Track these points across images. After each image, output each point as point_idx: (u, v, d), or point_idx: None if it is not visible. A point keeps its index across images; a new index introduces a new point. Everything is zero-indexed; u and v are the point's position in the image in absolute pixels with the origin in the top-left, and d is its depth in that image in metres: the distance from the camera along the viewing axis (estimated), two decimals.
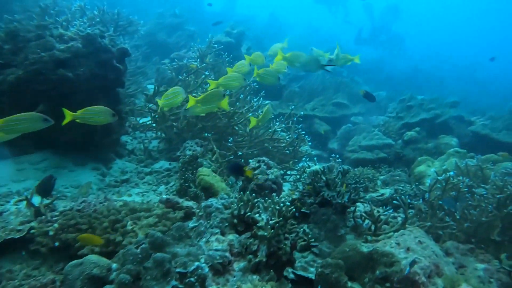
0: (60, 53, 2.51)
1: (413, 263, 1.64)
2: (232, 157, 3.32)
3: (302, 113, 4.25)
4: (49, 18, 2.90)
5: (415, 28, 18.63)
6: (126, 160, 3.87)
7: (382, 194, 3.56)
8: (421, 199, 2.87)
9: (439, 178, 2.59)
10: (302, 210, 2.52)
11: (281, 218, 1.61)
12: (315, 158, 4.13)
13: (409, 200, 2.75)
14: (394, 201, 2.64)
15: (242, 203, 1.72)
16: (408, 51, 14.01)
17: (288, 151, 3.68)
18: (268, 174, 2.60)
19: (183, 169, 3.17)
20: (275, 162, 3.97)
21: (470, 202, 2.27)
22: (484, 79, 15.80)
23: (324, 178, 2.56)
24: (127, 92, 5.20)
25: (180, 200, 2.17)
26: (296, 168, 3.88)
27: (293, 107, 4.18)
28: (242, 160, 3.56)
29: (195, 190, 3.03)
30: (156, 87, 3.54)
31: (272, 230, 1.54)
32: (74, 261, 1.41)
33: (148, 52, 6.81)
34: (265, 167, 2.64)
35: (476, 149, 4.92)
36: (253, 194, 1.86)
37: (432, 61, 15.27)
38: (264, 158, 2.70)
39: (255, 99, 3.87)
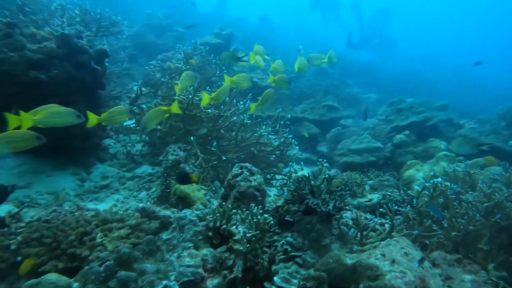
0: (31, 54, 2.38)
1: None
2: (215, 162, 3.22)
3: (289, 116, 4.17)
4: (25, 16, 2.77)
5: (407, 31, 18.75)
6: (108, 164, 3.74)
7: (370, 200, 3.49)
8: (408, 206, 2.80)
9: (427, 184, 2.52)
10: (286, 218, 2.44)
11: (258, 232, 1.51)
12: (301, 163, 4.05)
13: (396, 207, 2.68)
14: (381, 209, 2.56)
15: (218, 214, 1.62)
16: (400, 54, 14.03)
17: (274, 156, 3.59)
18: (250, 181, 2.51)
19: (165, 174, 3.07)
20: (262, 166, 3.91)
21: (457, 210, 2.20)
22: (475, 80, 15.95)
23: (308, 185, 2.48)
24: (112, 94, 5.08)
25: (157, 209, 2.07)
26: (283, 173, 3.80)
27: (280, 110, 4.09)
28: (229, 165, 3.47)
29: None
30: (138, 90, 3.42)
31: (248, 245, 1.45)
32: (30, 281, 1.29)
33: (135, 53, 6.68)
34: (248, 173, 2.55)
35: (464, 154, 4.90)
36: (230, 206, 1.76)
37: (424, 63, 15.36)
38: (247, 164, 2.61)
39: (241, 102, 3.78)
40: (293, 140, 3.91)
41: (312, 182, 2.50)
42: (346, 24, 13.54)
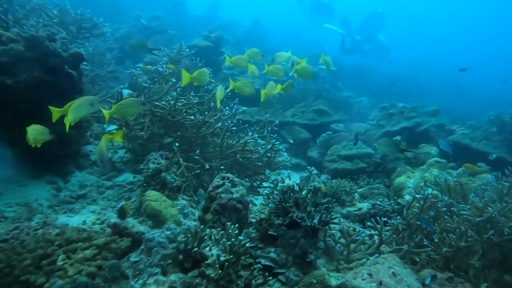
0: None
1: None
2: (198, 171, 3.08)
3: (277, 121, 4.04)
4: None
5: (400, 34, 18.80)
6: (87, 172, 3.58)
7: (360, 209, 3.38)
8: (399, 217, 2.69)
9: (417, 196, 2.42)
10: (269, 232, 2.31)
11: (231, 256, 1.38)
12: (288, 171, 3.93)
13: (385, 219, 2.57)
14: (369, 223, 2.45)
15: (189, 235, 1.49)
16: (394, 58, 13.97)
17: (260, 164, 3.46)
18: (232, 193, 2.38)
19: (145, 184, 2.92)
20: (249, 174, 3.78)
21: (449, 224, 2.10)
22: (465, 83, 16.04)
23: (293, 197, 2.35)
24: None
25: (131, 224, 1.92)
26: (270, 181, 3.68)
27: (267, 115, 3.96)
28: (216, 172, 3.33)
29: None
30: (118, 95, 3.27)
31: (220, 271, 1.32)
32: None
33: (121, 55, 6.50)
34: (229, 185, 2.42)
35: (456, 158, 4.83)
36: (202, 227, 1.62)
37: (415, 66, 15.39)
38: (228, 175, 2.48)
39: (227, 108, 3.65)
40: (281, 147, 3.79)
41: (297, 193, 2.38)
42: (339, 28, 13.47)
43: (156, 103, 3.07)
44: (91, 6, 8.37)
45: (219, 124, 3.37)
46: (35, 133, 2.19)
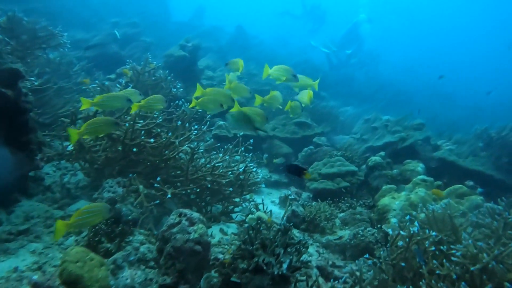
0: None
1: None
2: (157, 201, 2.73)
3: (251, 140, 3.72)
4: None
5: (388, 40, 18.81)
6: (37, 200, 3.19)
7: (341, 237, 3.08)
8: (382, 251, 2.40)
9: (402, 233, 2.12)
10: (232, 279, 1.99)
11: None
12: (262, 198, 3.62)
13: (366, 256, 2.29)
14: (346, 277, 2.15)
15: None
16: (383, 66, 13.84)
17: (231, 189, 3.13)
18: (189, 233, 2.04)
19: None
20: (219, 198, 3.45)
21: (438, 271, 1.81)
22: (452, 92, 16.10)
23: (259, 238, 2.03)
24: (59, 114, 4.53)
25: (57, 283, 1.57)
26: (243, 207, 3.36)
27: (241, 133, 3.65)
28: (185, 198, 2.99)
29: (108, 246, 2.43)
30: (72, 116, 2.92)
31: None
32: None
33: (91, 66, 6.12)
34: (186, 223, 2.08)
35: (443, 174, 4.60)
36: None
37: (401, 74, 15.36)
38: (186, 211, 2.15)
39: (195, 127, 3.32)
40: (255, 169, 3.48)
41: (264, 234, 2.06)
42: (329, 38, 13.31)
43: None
44: (68, 13, 7.98)
45: (185, 147, 3.04)
46: None
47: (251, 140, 3.60)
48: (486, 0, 24.13)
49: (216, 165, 3.00)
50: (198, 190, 3.09)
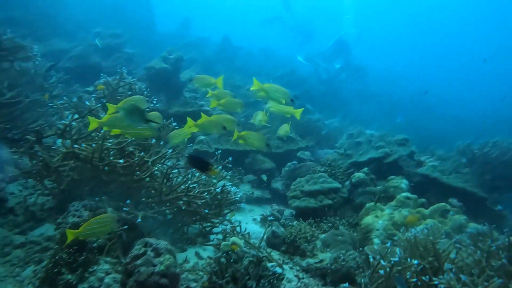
0: None
1: None
2: (126, 226, 2.56)
3: (228, 158, 3.58)
4: None
5: (370, 55, 19.04)
6: None
7: (322, 261, 2.95)
8: (363, 279, 2.28)
9: (382, 263, 2.01)
10: None
11: None
12: (239, 220, 3.48)
13: (346, 285, 2.17)
14: None
15: None
16: (371, 78, 13.87)
17: (206, 211, 2.99)
18: (155, 265, 1.89)
19: (56, 246, 2.38)
20: (197, 218, 3.30)
21: None
22: (435, 104, 16.35)
23: (230, 270, 1.89)
24: (30, 128, 4.32)
25: None
26: (219, 230, 3.21)
27: (219, 151, 3.52)
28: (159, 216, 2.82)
29: (69, 278, 2.25)
30: (32, 136, 2.74)
31: None
32: None
33: (69, 77, 5.92)
34: (152, 254, 1.93)
35: (426, 190, 4.55)
36: None
37: (386, 85, 15.50)
38: (152, 241, 1.99)
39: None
40: (234, 188, 3.35)
41: (234, 266, 1.92)
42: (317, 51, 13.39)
43: (77, 145, 2.56)
44: (49, 22, 7.74)
45: (158, 166, 2.89)
46: None
47: (230, 158, 3.47)
48: (468, 13, 24.85)
49: (191, 186, 2.84)
50: (174, 210, 2.93)
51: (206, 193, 2.94)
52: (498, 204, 4.00)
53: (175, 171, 2.92)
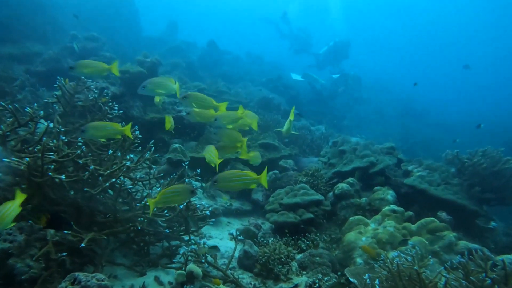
0: None
1: None
2: (64, 253, 2.21)
3: (198, 170, 3.26)
4: None
5: (360, 61, 18.94)
6: None
7: (296, 286, 2.64)
8: None
9: None
10: None
11: None
12: (202, 241, 3.15)
13: None
14: None
15: None
16: (365, 87, 13.66)
17: (167, 231, 2.65)
18: None
19: None
20: (160, 237, 2.96)
21: None
22: (422, 109, 16.30)
23: None
24: None
25: None
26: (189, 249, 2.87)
27: (187, 162, 3.19)
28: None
29: None
30: None
31: None
32: None
33: (35, 81, 5.54)
34: None
35: (414, 201, 4.28)
36: None
37: (374, 91, 15.37)
38: (82, 276, 1.66)
39: (131, 156, 2.84)
40: (199, 205, 3.02)
41: None
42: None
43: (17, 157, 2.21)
44: (24, 25, 7.32)
45: (112, 180, 2.55)
46: None
47: (198, 170, 3.15)
48: (455, 18, 25.10)
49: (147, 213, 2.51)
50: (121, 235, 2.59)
51: (166, 211, 2.60)
52: (491, 221, 3.74)
53: (130, 186, 2.57)
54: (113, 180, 2.51)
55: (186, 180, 3.04)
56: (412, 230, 3.27)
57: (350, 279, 2.53)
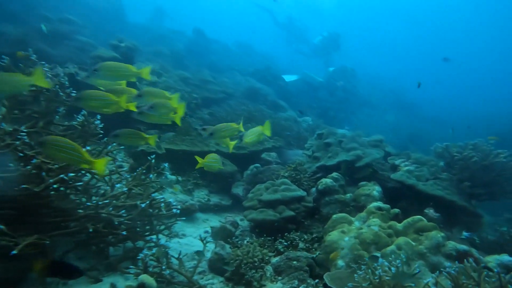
0: None
1: None
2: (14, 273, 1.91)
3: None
4: None
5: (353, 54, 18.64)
6: None
7: None
8: None
9: None
10: None
11: None
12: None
13: None
14: None
15: None
16: (359, 79, 13.38)
17: (124, 233, 2.36)
18: None
19: None
20: (118, 240, 2.67)
21: None
22: (413, 102, 16.15)
23: None
24: None
25: None
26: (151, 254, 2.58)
27: (153, 156, 2.88)
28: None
29: None
30: None
31: None
32: None
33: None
34: None
35: (401, 196, 4.07)
36: None
37: (365, 83, 15.14)
38: None
39: (87, 148, 2.52)
40: (168, 201, 2.73)
41: None
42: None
43: None
44: None
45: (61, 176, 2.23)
46: None
47: (165, 164, 2.85)
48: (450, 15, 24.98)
49: (103, 202, 2.21)
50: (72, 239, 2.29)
51: (123, 211, 2.30)
52: (463, 231, 3.55)
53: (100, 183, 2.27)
54: (61, 176, 2.19)
55: (151, 175, 2.73)
56: (398, 230, 3.04)
57: (329, 285, 2.28)
